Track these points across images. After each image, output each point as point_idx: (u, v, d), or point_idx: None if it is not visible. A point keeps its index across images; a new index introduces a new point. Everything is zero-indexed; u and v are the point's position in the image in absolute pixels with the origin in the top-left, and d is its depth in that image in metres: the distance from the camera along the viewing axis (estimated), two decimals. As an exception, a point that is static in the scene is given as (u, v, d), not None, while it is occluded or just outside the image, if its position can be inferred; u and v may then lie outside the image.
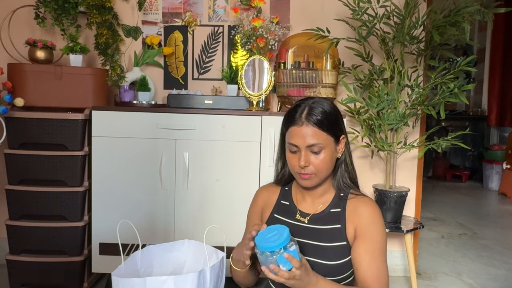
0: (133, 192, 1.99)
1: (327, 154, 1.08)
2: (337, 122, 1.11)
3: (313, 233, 1.12)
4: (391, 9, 2.01)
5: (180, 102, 2.12)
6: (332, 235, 1.10)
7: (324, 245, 1.10)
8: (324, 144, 1.07)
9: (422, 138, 2.30)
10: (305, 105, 1.10)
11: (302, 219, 1.15)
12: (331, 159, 1.10)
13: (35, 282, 2.00)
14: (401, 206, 2.12)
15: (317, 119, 1.07)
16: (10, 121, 1.94)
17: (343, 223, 1.11)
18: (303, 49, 2.16)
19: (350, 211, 1.11)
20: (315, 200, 1.16)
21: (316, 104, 1.09)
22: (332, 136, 1.09)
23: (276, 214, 1.20)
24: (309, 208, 1.16)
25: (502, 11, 1.89)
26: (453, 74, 1.96)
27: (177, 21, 2.41)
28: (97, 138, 1.97)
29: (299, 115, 1.08)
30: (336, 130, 1.10)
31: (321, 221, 1.13)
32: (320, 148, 1.07)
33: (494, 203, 4.58)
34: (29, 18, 2.25)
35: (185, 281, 0.95)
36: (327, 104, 1.11)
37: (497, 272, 2.56)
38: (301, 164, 1.07)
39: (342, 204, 1.13)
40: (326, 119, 1.07)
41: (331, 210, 1.13)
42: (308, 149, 1.07)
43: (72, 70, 2.01)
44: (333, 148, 1.10)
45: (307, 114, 1.07)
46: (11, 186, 1.97)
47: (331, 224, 1.12)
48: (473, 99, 5.97)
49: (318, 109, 1.08)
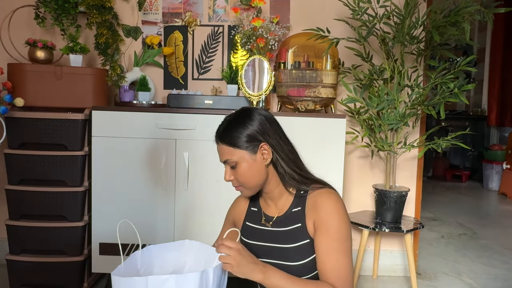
0: (133, 192, 1.99)
1: (244, 167, 1.08)
2: (250, 135, 1.08)
3: (277, 236, 1.13)
4: (391, 9, 2.01)
5: (180, 102, 2.12)
6: (294, 236, 1.10)
7: (288, 247, 1.10)
8: (236, 159, 1.08)
9: (422, 138, 2.30)
10: (221, 122, 1.12)
11: (266, 223, 1.16)
12: (251, 170, 1.08)
13: (35, 282, 2.00)
14: (401, 206, 2.12)
15: (223, 136, 1.08)
16: (10, 121, 1.94)
17: (303, 221, 1.09)
18: (303, 49, 2.16)
19: (309, 206, 1.10)
20: (276, 203, 1.17)
21: (226, 122, 1.11)
22: (244, 149, 1.07)
23: (247, 221, 1.22)
24: (273, 212, 1.17)
25: (502, 11, 1.89)
26: (453, 74, 1.96)
27: (177, 21, 2.41)
28: (97, 138, 1.97)
29: (216, 132, 1.12)
30: (246, 142, 1.07)
31: (283, 223, 1.13)
32: (233, 163, 1.08)
33: (494, 203, 4.58)
34: (29, 18, 2.25)
35: (187, 281, 0.93)
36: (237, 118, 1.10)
37: (497, 272, 2.55)
38: (225, 179, 1.11)
39: (302, 201, 1.12)
40: (231, 135, 1.08)
41: (292, 210, 1.13)
42: (227, 164, 1.10)
43: (72, 70, 2.01)
44: (250, 160, 1.08)
45: (217, 132, 1.11)
46: (11, 186, 1.97)
47: (293, 224, 1.11)
48: (473, 99, 5.97)
49: (224, 125, 1.10)
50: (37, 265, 1.98)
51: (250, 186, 1.11)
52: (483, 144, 5.62)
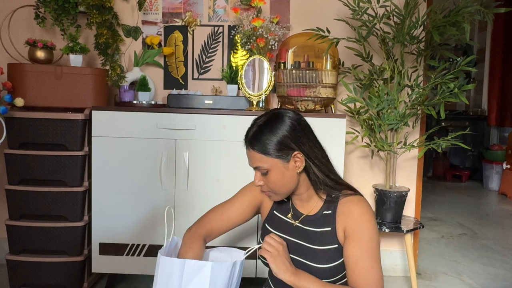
0: (133, 192, 1.99)
1: (275, 175, 1.05)
2: (282, 143, 1.04)
3: (304, 234, 1.13)
4: (391, 9, 2.01)
5: (180, 102, 2.12)
6: (323, 238, 1.10)
7: (315, 248, 1.10)
8: (268, 166, 1.05)
9: (422, 138, 2.30)
10: (251, 126, 1.08)
11: (293, 220, 1.17)
12: (283, 178, 1.06)
13: (35, 282, 2.00)
14: (401, 206, 2.12)
15: (254, 143, 1.04)
16: (10, 121, 1.94)
17: (333, 226, 1.09)
18: (303, 49, 2.16)
19: (340, 212, 1.09)
20: (304, 204, 1.17)
21: (257, 127, 1.06)
22: (276, 158, 1.04)
23: (276, 211, 1.22)
24: (302, 209, 1.17)
25: (502, 11, 1.89)
26: (453, 74, 1.96)
27: (177, 21, 2.41)
28: (97, 138, 1.97)
29: (245, 136, 1.08)
30: (279, 151, 1.04)
31: (313, 224, 1.13)
32: (265, 170, 1.06)
33: (494, 203, 4.58)
34: (29, 18, 2.25)
35: (221, 269, 1.00)
36: (272, 125, 1.05)
37: (497, 272, 2.55)
38: (255, 184, 1.09)
39: (333, 206, 1.11)
40: (265, 144, 1.03)
41: (323, 212, 1.13)
42: (257, 170, 1.08)
43: (72, 70, 2.01)
44: (281, 168, 1.05)
45: (248, 137, 1.07)
46: (11, 186, 1.97)
47: (322, 227, 1.11)
48: (473, 99, 5.97)
49: (258, 133, 1.05)
50: (37, 265, 1.98)
51: (281, 192, 1.10)
52: (483, 144, 5.62)
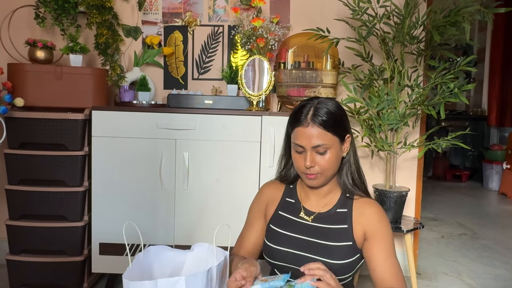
0: (133, 192, 1.99)
1: (333, 154, 1.09)
2: (343, 122, 1.12)
3: (318, 232, 1.13)
4: (391, 9, 2.01)
5: (180, 102, 2.12)
6: (338, 235, 1.11)
7: (330, 244, 1.10)
8: (330, 145, 1.08)
9: (422, 138, 2.30)
10: (311, 106, 1.10)
11: (307, 217, 1.16)
12: (337, 158, 1.11)
13: (35, 282, 2.00)
14: (401, 206, 2.12)
15: (322, 119, 1.07)
16: (10, 121, 1.94)
17: (350, 224, 1.12)
18: (303, 49, 2.16)
19: (357, 212, 1.13)
20: (320, 199, 1.17)
21: (322, 105, 1.10)
22: (337, 136, 1.10)
23: (281, 211, 1.20)
24: (314, 207, 1.17)
25: (502, 11, 1.89)
26: (453, 74, 1.96)
27: (177, 21, 2.41)
28: (97, 138, 1.97)
29: (305, 116, 1.09)
30: (341, 130, 1.11)
31: (327, 221, 1.14)
32: (325, 149, 1.08)
33: (494, 203, 4.58)
34: (29, 18, 2.25)
35: (196, 279, 0.96)
36: (332, 104, 1.11)
37: (497, 272, 2.55)
38: (307, 165, 1.08)
39: (349, 204, 1.15)
40: (331, 119, 1.08)
41: (337, 210, 1.15)
42: (314, 150, 1.08)
43: (72, 70, 2.01)
44: (338, 148, 1.11)
45: (313, 115, 1.08)
46: (11, 186, 1.97)
47: (338, 224, 1.13)
48: (473, 99, 5.98)
49: (323, 109, 1.08)
50: (37, 265, 1.98)
51: (329, 174, 1.12)
52: (483, 144, 5.62)
